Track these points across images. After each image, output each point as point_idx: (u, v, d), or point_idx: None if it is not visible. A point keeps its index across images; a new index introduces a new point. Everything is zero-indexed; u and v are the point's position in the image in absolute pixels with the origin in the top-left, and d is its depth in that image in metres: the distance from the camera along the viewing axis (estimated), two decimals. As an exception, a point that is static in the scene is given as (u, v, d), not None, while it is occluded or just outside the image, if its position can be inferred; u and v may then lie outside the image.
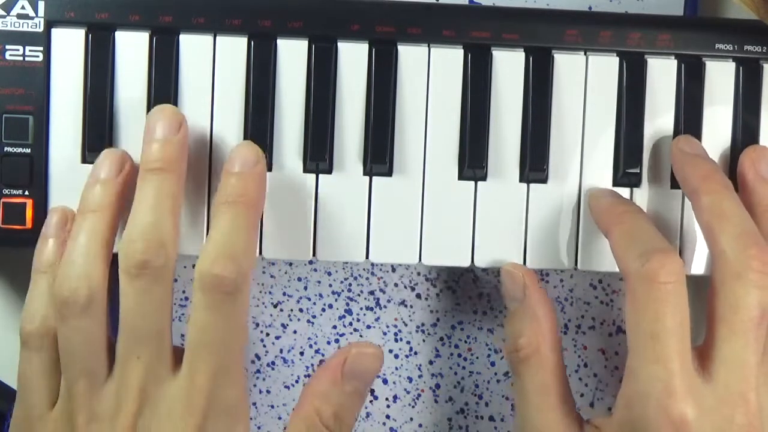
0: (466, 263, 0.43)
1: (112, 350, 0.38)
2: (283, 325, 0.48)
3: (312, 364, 0.48)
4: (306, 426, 0.39)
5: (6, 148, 0.41)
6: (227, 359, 0.37)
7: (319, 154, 0.42)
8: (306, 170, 0.42)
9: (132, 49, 0.42)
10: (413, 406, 0.49)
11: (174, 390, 0.37)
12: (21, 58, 0.41)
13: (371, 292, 0.48)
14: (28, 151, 0.41)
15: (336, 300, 0.48)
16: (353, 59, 0.42)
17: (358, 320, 0.48)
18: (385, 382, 0.49)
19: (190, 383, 0.37)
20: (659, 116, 0.43)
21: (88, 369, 0.38)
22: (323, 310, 0.48)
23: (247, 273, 0.37)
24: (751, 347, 0.37)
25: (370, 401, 0.49)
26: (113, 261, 0.39)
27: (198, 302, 0.37)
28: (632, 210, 0.41)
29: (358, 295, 0.48)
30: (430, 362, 0.49)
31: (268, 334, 0.48)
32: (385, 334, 0.48)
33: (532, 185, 0.43)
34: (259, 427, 0.48)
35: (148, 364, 0.37)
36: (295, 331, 0.48)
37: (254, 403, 0.48)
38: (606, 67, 0.43)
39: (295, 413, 0.40)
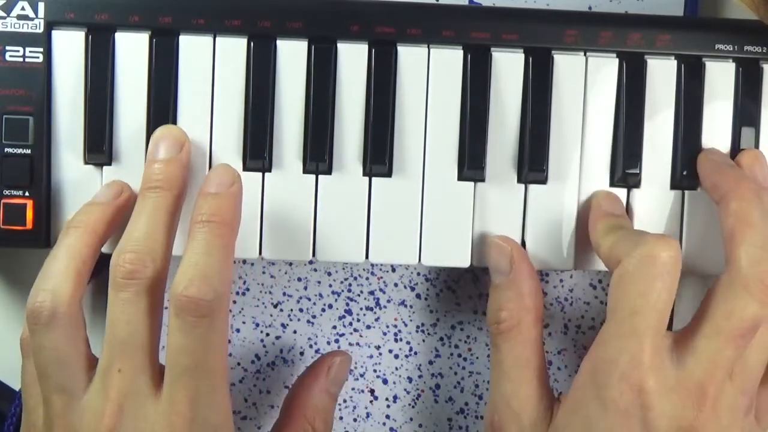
0: (466, 264, 0.43)
1: (91, 366, 0.38)
2: (283, 325, 0.48)
3: (312, 364, 0.48)
4: None
5: (6, 149, 0.41)
6: (207, 383, 0.37)
7: (318, 154, 0.42)
8: (306, 171, 0.42)
9: (132, 50, 0.42)
10: (413, 406, 0.49)
11: (155, 414, 0.37)
12: (21, 59, 0.41)
13: (371, 292, 0.48)
14: (29, 152, 0.41)
15: (336, 300, 0.48)
16: (353, 60, 0.42)
17: (358, 320, 0.48)
18: (385, 382, 0.49)
19: (170, 408, 0.36)
20: (659, 117, 0.43)
21: (60, 385, 0.37)
22: (323, 310, 0.48)
23: (223, 294, 0.37)
24: (728, 352, 0.37)
25: (370, 401, 0.49)
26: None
27: (173, 326, 0.36)
28: (621, 222, 0.42)
29: (358, 295, 0.48)
30: (430, 362, 0.49)
31: (268, 334, 0.48)
32: (385, 334, 0.48)
33: (531, 186, 0.43)
34: (259, 427, 0.48)
35: (129, 377, 0.37)
36: (295, 331, 0.48)
37: (254, 404, 0.48)
38: (606, 68, 0.43)
39: (286, 426, 0.42)
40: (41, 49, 0.41)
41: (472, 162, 0.42)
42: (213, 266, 0.37)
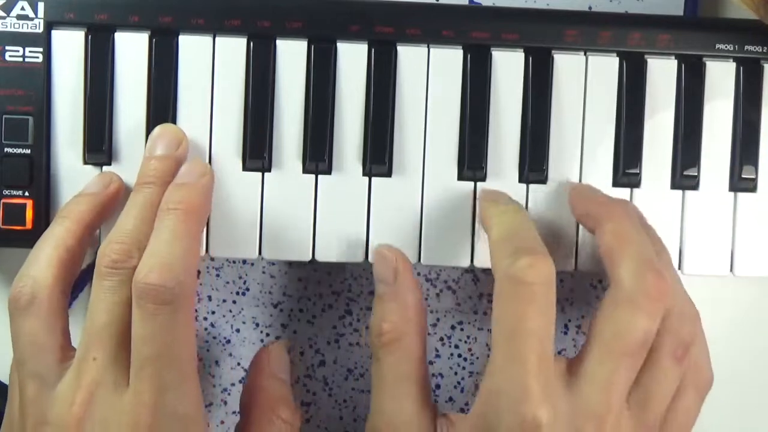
0: (466, 264, 0.43)
1: (66, 357, 0.38)
2: (283, 325, 0.48)
3: (312, 364, 0.48)
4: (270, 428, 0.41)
5: (6, 149, 0.41)
6: (172, 373, 0.36)
7: (318, 154, 0.42)
8: (305, 171, 0.42)
9: (132, 50, 0.42)
10: (413, 406, 0.49)
11: (122, 404, 0.36)
12: (21, 59, 0.41)
13: (371, 292, 0.48)
14: (28, 152, 0.42)
15: (336, 300, 0.48)
16: (353, 60, 0.42)
17: (358, 320, 0.48)
18: (385, 382, 0.49)
19: (136, 398, 0.36)
20: (659, 116, 0.43)
21: (34, 372, 0.37)
22: (323, 310, 0.48)
23: (187, 282, 0.36)
24: (622, 374, 0.37)
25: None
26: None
27: (135, 315, 0.36)
28: (512, 209, 0.41)
29: (358, 295, 0.48)
30: (430, 362, 0.49)
31: (268, 334, 0.48)
32: (385, 334, 0.48)
33: (531, 186, 0.43)
34: (259, 427, 0.48)
35: (102, 366, 0.36)
36: (295, 331, 0.48)
37: (254, 403, 0.48)
38: (606, 68, 0.43)
39: (250, 426, 0.41)
40: (41, 49, 0.41)
41: (472, 162, 0.42)
42: (176, 254, 0.37)
